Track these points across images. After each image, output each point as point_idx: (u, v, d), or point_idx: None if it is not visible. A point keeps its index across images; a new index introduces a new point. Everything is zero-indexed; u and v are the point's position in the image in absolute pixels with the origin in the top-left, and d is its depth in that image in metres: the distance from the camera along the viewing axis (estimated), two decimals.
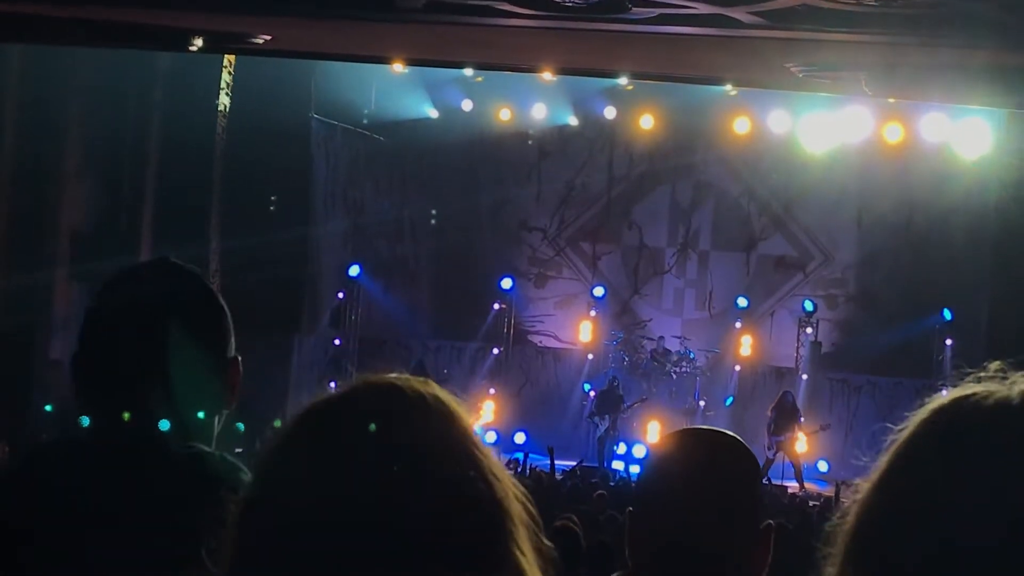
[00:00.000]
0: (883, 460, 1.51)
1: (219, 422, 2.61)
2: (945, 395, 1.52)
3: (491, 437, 21.78)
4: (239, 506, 1.51)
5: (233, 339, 2.64)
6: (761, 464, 19.39)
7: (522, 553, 1.50)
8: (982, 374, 1.52)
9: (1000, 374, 1.51)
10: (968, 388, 1.50)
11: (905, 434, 1.50)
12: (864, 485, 1.51)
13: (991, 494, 1.38)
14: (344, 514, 1.43)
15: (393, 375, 1.56)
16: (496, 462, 1.54)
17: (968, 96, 14.43)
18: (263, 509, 1.49)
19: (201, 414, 2.56)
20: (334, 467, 1.45)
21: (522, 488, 1.55)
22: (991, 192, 20.11)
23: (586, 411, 21.76)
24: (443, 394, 1.56)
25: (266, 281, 19.14)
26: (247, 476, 2.37)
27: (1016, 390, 1.46)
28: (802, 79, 11.92)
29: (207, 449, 2.52)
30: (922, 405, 1.53)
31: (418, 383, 1.56)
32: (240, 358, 2.63)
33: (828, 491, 17.54)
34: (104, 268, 17.72)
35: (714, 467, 2.60)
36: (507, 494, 1.51)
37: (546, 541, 1.56)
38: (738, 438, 2.71)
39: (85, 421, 2.49)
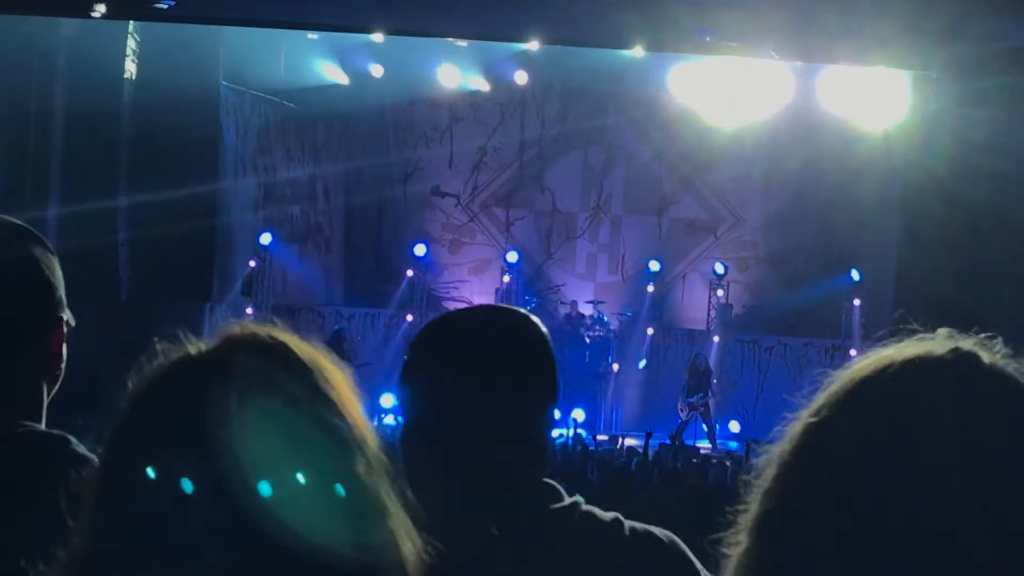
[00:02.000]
0: (809, 418, 1.49)
1: (48, 392, 2.40)
2: (882, 353, 1.52)
3: None
4: (93, 483, 1.46)
5: (61, 298, 2.43)
6: (676, 427, 19.53)
7: (370, 468, 1.48)
8: (926, 335, 1.53)
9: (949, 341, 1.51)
10: (908, 347, 1.51)
11: (836, 392, 1.50)
12: (790, 437, 1.50)
13: (922, 459, 1.39)
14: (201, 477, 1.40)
15: (266, 329, 1.53)
16: (368, 433, 1.51)
17: (875, 58, 14.60)
18: (120, 480, 1.44)
19: (18, 385, 2.34)
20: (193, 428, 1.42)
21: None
22: (898, 154, 20.36)
23: None
24: (318, 353, 1.53)
25: (176, 249, 18.95)
26: (79, 448, 2.27)
27: (947, 348, 1.48)
28: (711, 43, 11.99)
29: (36, 427, 2.33)
30: (842, 366, 1.53)
31: (293, 339, 1.52)
32: (67, 319, 2.43)
33: (740, 452, 17.76)
34: None
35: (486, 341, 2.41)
36: (367, 435, 1.50)
37: (409, 494, 1.53)
38: (518, 311, 2.53)
39: None
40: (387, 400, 21.38)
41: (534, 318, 2.49)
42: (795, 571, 1.43)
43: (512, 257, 23.46)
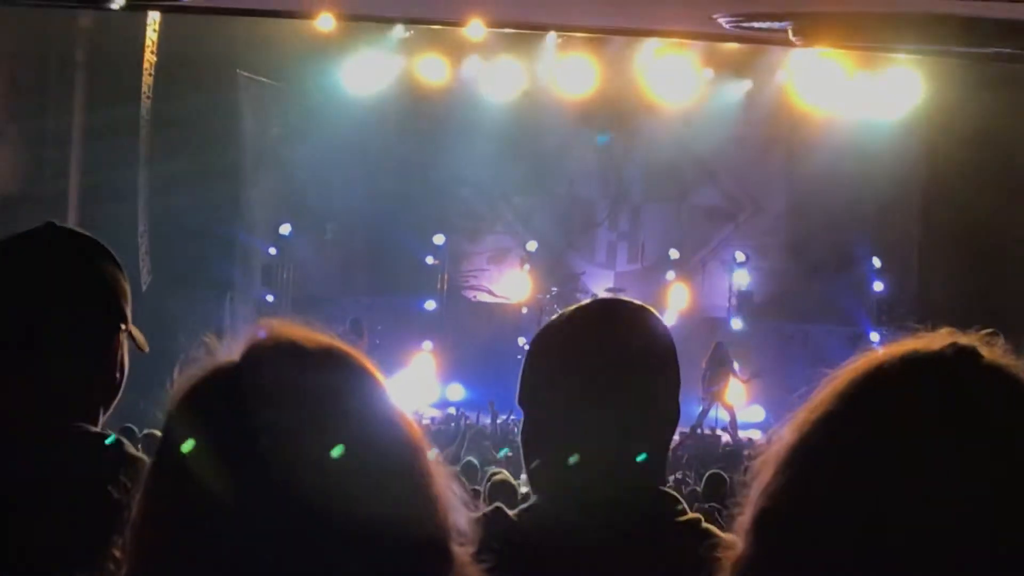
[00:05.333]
0: (808, 416, 1.48)
1: (106, 401, 2.46)
2: (880, 350, 1.51)
3: (431, 394, 21.75)
4: (146, 482, 1.47)
5: (123, 310, 2.50)
6: (696, 415, 19.48)
7: (415, 457, 1.48)
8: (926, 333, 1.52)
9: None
10: (907, 343, 1.50)
11: (834, 389, 1.49)
12: (788, 436, 1.49)
13: (920, 455, 1.38)
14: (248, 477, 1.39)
15: (292, 328, 1.52)
16: (417, 432, 1.52)
17: (896, 46, 14.51)
18: (165, 480, 1.45)
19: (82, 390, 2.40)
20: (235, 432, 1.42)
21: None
22: (919, 139, 20.28)
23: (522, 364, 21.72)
24: (350, 350, 1.53)
25: (196, 241, 19.01)
26: (131, 449, 2.32)
27: (945, 343, 1.47)
28: (729, 31, 11.92)
29: (91, 428, 2.38)
30: (851, 359, 1.53)
31: (327, 339, 1.52)
32: (126, 329, 2.49)
33: (762, 440, 17.71)
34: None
35: (616, 329, 2.39)
36: (410, 425, 1.51)
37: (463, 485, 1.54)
38: (647, 307, 2.50)
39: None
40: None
41: (657, 317, 2.50)
42: (793, 569, 1.41)
43: (531, 246, 23.43)
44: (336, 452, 1.40)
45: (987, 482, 1.36)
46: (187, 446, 1.43)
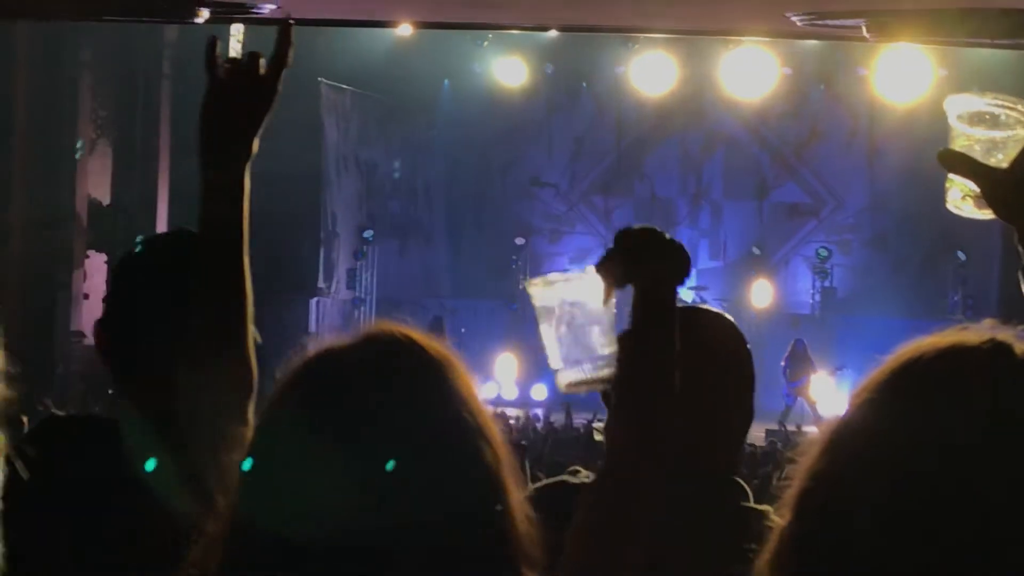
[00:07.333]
0: (852, 401, 1.54)
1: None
2: (923, 340, 1.57)
3: (512, 393, 21.86)
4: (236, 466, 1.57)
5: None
6: (781, 411, 19.23)
7: (493, 455, 1.59)
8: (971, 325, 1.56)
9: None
10: (947, 336, 1.56)
11: (877, 377, 1.55)
12: (835, 418, 1.56)
13: (951, 446, 1.42)
14: (339, 471, 1.49)
15: (401, 328, 1.63)
16: (491, 424, 1.62)
17: (973, 40, 14.39)
18: (256, 472, 1.54)
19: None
20: (332, 425, 1.52)
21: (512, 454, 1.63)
22: None
23: None
24: (448, 351, 1.64)
25: (282, 245, 19.24)
26: None
27: (984, 337, 1.52)
28: (801, 28, 11.91)
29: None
30: (899, 346, 1.59)
31: (425, 337, 1.63)
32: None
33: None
34: (122, 238, 17.84)
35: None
36: (490, 426, 1.61)
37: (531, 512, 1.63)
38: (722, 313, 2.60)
39: None
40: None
41: (729, 319, 2.61)
42: (831, 548, 1.45)
43: None
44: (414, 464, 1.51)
45: (1013, 478, 1.40)
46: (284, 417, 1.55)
